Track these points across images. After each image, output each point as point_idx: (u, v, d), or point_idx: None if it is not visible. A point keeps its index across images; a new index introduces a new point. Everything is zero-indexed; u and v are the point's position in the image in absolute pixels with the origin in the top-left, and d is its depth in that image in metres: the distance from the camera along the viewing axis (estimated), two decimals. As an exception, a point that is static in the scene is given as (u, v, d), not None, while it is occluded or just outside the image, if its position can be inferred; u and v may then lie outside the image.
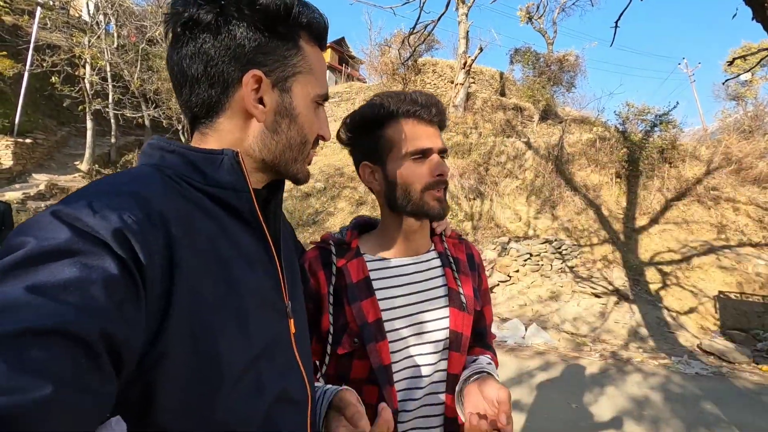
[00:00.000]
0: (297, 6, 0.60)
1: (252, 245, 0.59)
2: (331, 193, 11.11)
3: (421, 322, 0.91)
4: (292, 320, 0.64)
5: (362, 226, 1.03)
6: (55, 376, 0.33)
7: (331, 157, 12.73)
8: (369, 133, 0.93)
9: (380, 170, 0.93)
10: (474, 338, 0.97)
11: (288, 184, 0.74)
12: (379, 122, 0.91)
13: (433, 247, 1.02)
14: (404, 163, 0.90)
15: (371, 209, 10.32)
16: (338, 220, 10.29)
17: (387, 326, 0.88)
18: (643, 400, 3.86)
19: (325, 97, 0.67)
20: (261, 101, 0.60)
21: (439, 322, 0.92)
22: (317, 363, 0.91)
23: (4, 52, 10.57)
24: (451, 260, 0.99)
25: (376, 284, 0.92)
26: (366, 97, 14.36)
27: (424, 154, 0.90)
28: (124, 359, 0.40)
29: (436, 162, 0.90)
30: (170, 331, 0.45)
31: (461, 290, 0.95)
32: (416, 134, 0.90)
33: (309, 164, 0.69)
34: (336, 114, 14.90)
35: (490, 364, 0.94)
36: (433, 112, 0.91)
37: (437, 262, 0.99)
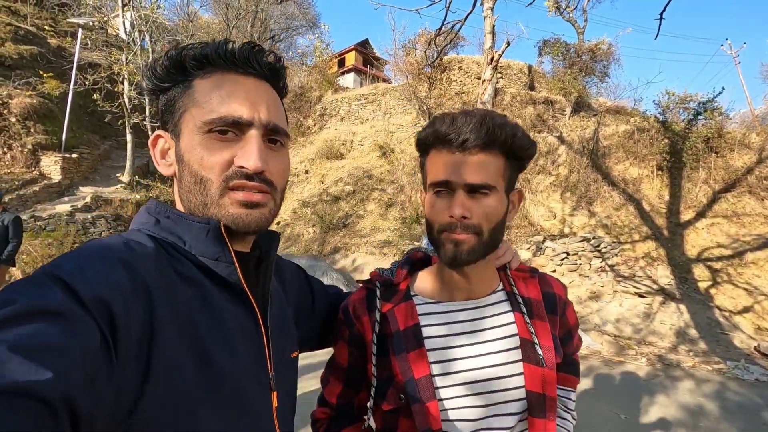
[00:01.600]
0: (183, 51, 0.59)
1: (236, 316, 0.58)
2: (360, 195, 11.15)
3: (486, 380, 0.75)
4: (275, 393, 0.62)
5: (416, 262, 0.89)
6: None
7: (359, 160, 12.78)
8: (421, 159, 0.83)
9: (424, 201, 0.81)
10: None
11: (314, 188, 0.70)
12: (421, 151, 0.82)
13: (500, 286, 0.84)
14: (428, 196, 0.78)
15: (401, 210, 10.29)
16: (368, 222, 10.31)
17: (439, 383, 0.75)
18: (698, 409, 3.63)
19: (227, 121, 0.56)
20: (170, 157, 0.62)
21: (510, 380, 0.75)
22: (360, 413, 0.84)
23: (51, 74, 11.22)
24: (521, 302, 0.80)
25: (427, 332, 0.78)
26: (392, 98, 14.38)
27: (444, 186, 0.74)
28: (87, 430, 0.39)
29: (454, 199, 0.72)
30: (144, 407, 0.44)
31: (536, 340, 0.77)
32: (437, 164, 0.75)
33: (243, 204, 0.57)
34: (362, 116, 14.94)
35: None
36: (468, 140, 0.71)
37: (505, 306, 0.81)
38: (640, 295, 6.90)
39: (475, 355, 0.77)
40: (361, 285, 0.89)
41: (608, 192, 9.43)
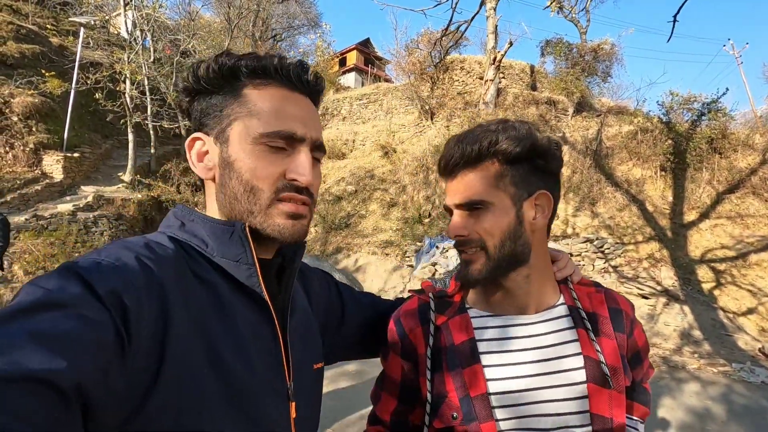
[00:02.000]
0: (231, 61, 0.60)
1: (252, 322, 0.58)
2: (362, 195, 11.13)
3: (546, 402, 0.70)
4: (293, 403, 0.61)
5: None
6: (33, 423, 0.34)
7: (361, 160, 12.77)
8: None
9: None
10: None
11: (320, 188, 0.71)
12: None
13: (561, 300, 0.78)
14: None
15: (403, 210, 10.26)
16: (370, 222, 10.29)
17: (495, 402, 0.70)
18: (704, 412, 3.61)
19: (286, 136, 0.59)
20: (210, 161, 0.62)
21: (573, 403, 0.70)
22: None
23: (53, 72, 11.20)
24: (585, 317, 0.75)
25: (483, 347, 0.74)
26: (394, 98, 14.36)
27: (448, 212, 0.77)
28: (91, 422, 0.40)
29: (452, 222, 0.75)
30: (154, 405, 0.45)
31: (602, 359, 0.71)
32: (445, 191, 0.78)
33: (291, 217, 0.60)
34: (364, 116, 14.93)
35: None
36: (449, 164, 0.74)
37: (566, 322, 0.75)
38: (644, 297, 6.88)
39: (537, 374, 0.72)
40: (412, 295, 0.86)
41: (611, 193, 9.40)
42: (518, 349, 0.74)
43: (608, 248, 8.01)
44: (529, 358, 0.73)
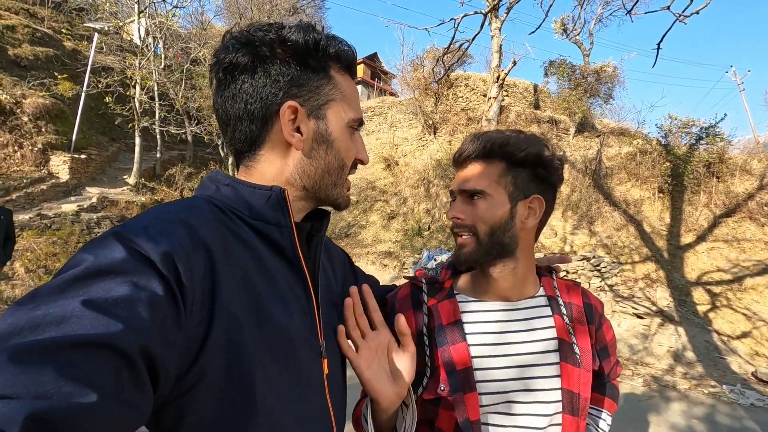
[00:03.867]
0: (324, 39, 0.64)
1: (289, 281, 0.61)
2: (363, 206, 11.23)
3: (525, 378, 0.79)
4: (326, 360, 0.64)
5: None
6: (100, 387, 0.35)
7: (363, 171, 12.90)
8: None
9: None
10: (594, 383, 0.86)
11: None
12: None
13: (541, 291, 0.88)
14: None
15: (403, 222, 10.35)
16: (370, 233, 10.37)
17: (479, 376, 0.79)
18: (688, 430, 3.63)
19: (360, 122, 0.70)
20: (298, 130, 0.63)
21: (548, 380, 0.79)
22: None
23: (65, 75, 11.43)
24: (562, 306, 0.85)
25: (469, 328, 0.83)
26: (398, 111, 14.55)
27: (452, 196, 0.87)
28: (161, 378, 0.42)
29: (452, 205, 0.85)
30: (207, 356, 0.47)
31: (575, 340, 0.81)
32: (455, 179, 0.88)
33: (348, 189, 0.71)
34: (368, 128, 15.12)
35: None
36: (462, 155, 0.85)
37: (545, 310, 0.85)
38: (639, 316, 6.91)
39: (517, 354, 0.80)
40: (406, 281, 0.94)
41: (609, 212, 9.49)
42: (503, 330, 0.82)
43: (605, 267, 8.06)
44: (513, 339, 0.81)
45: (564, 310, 0.84)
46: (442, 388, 0.78)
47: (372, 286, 0.93)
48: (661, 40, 2.30)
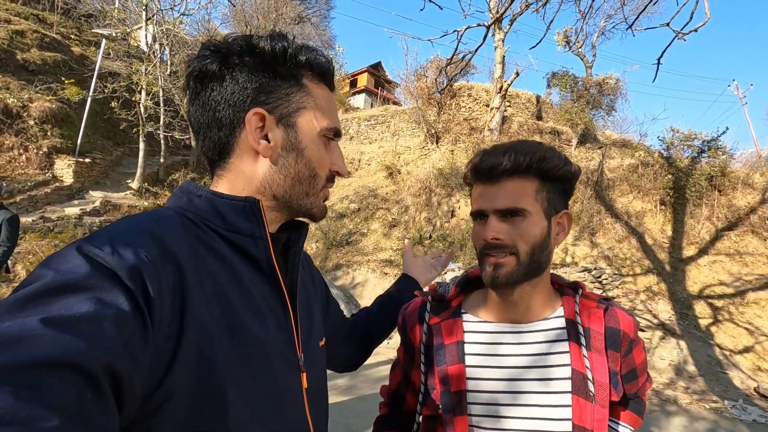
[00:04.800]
0: (294, 48, 0.63)
1: (264, 294, 0.60)
2: (364, 214, 11.24)
3: (530, 405, 0.75)
4: (304, 374, 0.63)
5: (474, 280, 0.91)
6: (62, 409, 0.33)
7: (366, 179, 12.94)
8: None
9: None
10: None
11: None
12: (469, 186, 0.87)
13: (560, 312, 0.82)
14: (473, 225, 0.83)
15: (404, 230, 10.35)
16: (371, 241, 10.37)
17: (473, 399, 0.78)
18: (692, 446, 3.60)
19: (336, 132, 0.68)
20: (267, 138, 0.62)
21: (557, 411, 0.74)
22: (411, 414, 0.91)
23: (72, 80, 11.56)
24: (581, 332, 0.78)
25: (470, 349, 0.81)
26: (401, 120, 14.62)
27: (480, 214, 0.80)
28: (126, 398, 0.40)
29: (487, 224, 0.78)
30: (176, 373, 0.45)
31: (590, 375, 0.74)
32: (475, 195, 0.82)
33: (325, 200, 0.69)
34: (371, 136, 15.20)
35: None
36: (496, 170, 0.77)
37: (560, 334, 0.79)
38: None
39: (522, 379, 0.77)
40: (417, 295, 0.95)
41: (611, 224, 9.47)
42: (505, 354, 0.80)
43: (606, 279, 8.03)
44: (514, 364, 0.78)
45: (582, 338, 0.77)
46: (438, 406, 0.79)
47: (337, 316, 0.97)
48: (661, 56, 2.33)
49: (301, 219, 0.72)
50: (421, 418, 0.84)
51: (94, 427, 0.36)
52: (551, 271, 0.85)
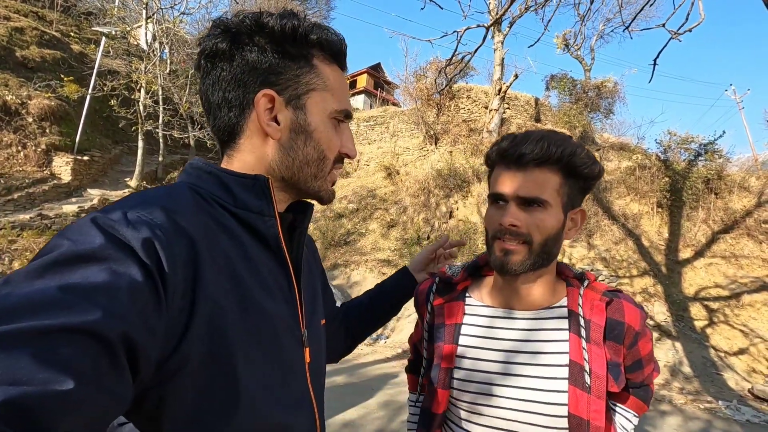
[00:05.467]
0: (304, 26, 0.61)
1: (272, 270, 0.61)
2: (363, 214, 11.26)
3: (522, 388, 0.77)
4: (307, 349, 0.65)
5: (483, 266, 0.93)
6: (77, 373, 0.34)
7: (364, 179, 12.97)
8: (488, 173, 0.88)
9: None
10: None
11: (320, 206, 0.75)
12: (489, 166, 0.87)
13: (563, 302, 0.83)
14: (487, 207, 0.84)
15: (402, 231, 10.38)
16: (369, 241, 10.39)
17: (461, 376, 0.82)
18: (686, 445, 3.63)
19: (347, 114, 0.67)
20: (276, 120, 0.62)
21: (551, 395, 0.75)
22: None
23: (71, 78, 11.55)
24: (582, 323, 0.78)
25: (469, 330, 0.85)
26: (400, 121, 14.65)
27: (499, 198, 0.80)
28: (141, 365, 0.41)
29: (506, 210, 0.77)
30: (189, 343, 0.47)
31: (587, 366, 0.75)
32: (496, 178, 0.81)
33: (333, 183, 0.69)
34: (370, 137, 15.22)
35: None
36: (525, 157, 0.76)
37: (561, 323, 0.80)
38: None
39: (508, 362, 0.80)
40: (428, 276, 1.02)
41: (608, 226, 9.52)
42: (499, 337, 0.82)
43: (603, 280, 8.06)
44: (507, 347, 0.81)
45: (583, 329, 0.77)
46: (432, 377, 0.86)
47: (330, 304, 0.98)
48: (657, 56, 2.37)
49: (307, 200, 0.72)
50: (422, 380, 0.95)
51: (108, 392, 0.37)
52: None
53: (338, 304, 1.06)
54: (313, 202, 0.72)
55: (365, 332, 1.05)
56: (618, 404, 0.88)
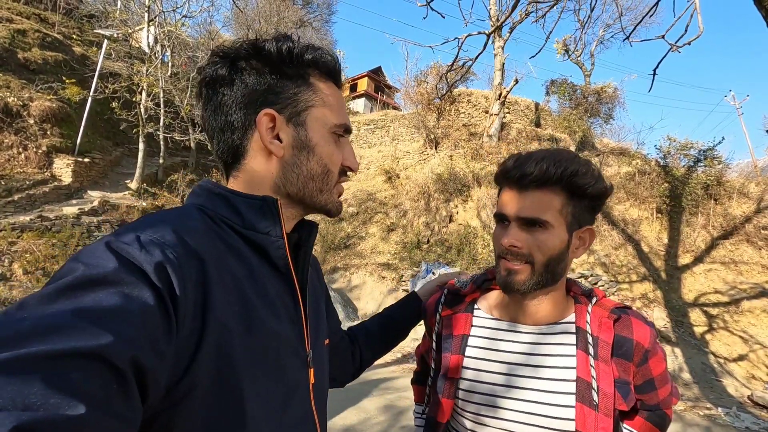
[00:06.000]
0: (299, 48, 0.64)
1: (279, 291, 0.61)
2: (363, 217, 11.27)
3: (527, 401, 0.77)
4: (312, 370, 0.65)
5: (491, 280, 0.94)
6: (88, 398, 0.35)
7: (364, 183, 12.99)
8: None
9: None
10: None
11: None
12: (498, 185, 0.88)
13: (571, 318, 0.83)
14: (495, 226, 0.85)
15: (402, 235, 10.39)
16: (369, 244, 10.39)
17: (465, 387, 0.83)
18: (687, 453, 3.63)
19: (346, 129, 0.69)
20: (278, 138, 0.63)
21: (558, 410, 0.75)
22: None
23: (73, 80, 11.58)
24: (590, 341, 0.78)
25: (473, 342, 0.87)
26: (401, 125, 14.68)
27: (502, 218, 0.81)
28: (150, 390, 0.42)
29: (507, 230, 0.79)
30: (198, 367, 0.47)
31: (594, 384, 0.74)
32: (501, 198, 0.83)
33: (339, 195, 0.70)
34: (370, 141, 15.26)
35: None
36: (526, 178, 0.77)
37: (569, 338, 0.80)
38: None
39: (511, 375, 0.80)
40: (438, 288, 1.04)
41: (608, 231, 9.54)
42: (503, 350, 0.83)
43: (602, 285, 8.08)
44: (510, 360, 0.81)
45: (591, 347, 0.77)
46: (438, 387, 0.87)
47: (334, 325, 0.96)
48: (656, 67, 2.39)
49: (310, 219, 0.73)
50: (428, 390, 0.96)
51: (118, 416, 0.37)
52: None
53: (338, 309, 1.05)
54: (318, 218, 0.73)
55: (374, 358, 1.05)
56: (627, 426, 0.86)
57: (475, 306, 0.91)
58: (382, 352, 1.07)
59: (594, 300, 0.83)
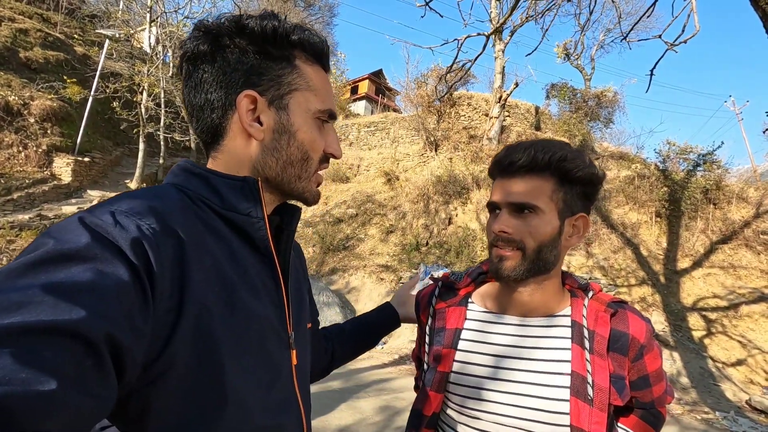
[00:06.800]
0: (285, 27, 0.61)
1: (260, 273, 0.60)
2: (362, 219, 11.27)
3: (516, 394, 0.77)
4: (294, 351, 0.64)
5: (485, 273, 0.93)
6: (60, 373, 0.33)
7: (364, 184, 12.99)
8: None
9: None
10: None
11: (318, 209, 0.74)
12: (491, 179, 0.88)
13: (566, 311, 0.82)
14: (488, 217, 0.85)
15: (401, 236, 10.38)
16: (368, 246, 10.38)
17: (455, 380, 0.83)
18: (683, 456, 3.61)
19: (331, 114, 0.67)
20: (259, 120, 0.61)
21: (554, 407, 0.74)
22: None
23: (74, 80, 11.61)
24: (586, 335, 0.77)
25: (466, 335, 0.86)
26: (401, 127, 14.70)
27: (494, 206, 0.81)
28: (126, 367, 0.41)
29: (498, 217, 0.79)
30: (176, 346, 0.46)
31: (590, 378, 0.73)
32: (493, 188, 0.83)
33: (318, 184, 0.68)
34: (370, 142, 15.27)
35: None
36: (514, 164, 0.78)
37: (563, 332, 0.79)
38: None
39: (502, 368, 0.79)
40: (432, 281, 1.01)
41: (607, 234, 9.53)
42: (494, 342, 0.82)
43: (601, 289, 8.06)
44: (498, 352, 0.80)
45: (587, 341, 0.76)
46: (427, 379, 0.86)
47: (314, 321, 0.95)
48: (654, 67, 2.40)
49: (293, 204, 0.72)
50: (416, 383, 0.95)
51: (92, 394, 0.36)
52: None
53: (336, 310, 1.06)
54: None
55: (344, 358, 1.04)
56: (622, 425, 0.86)
57: (470, 300, 0.90)
58: (354, 354, 1.06)
59: (590, 294, 0.82)
